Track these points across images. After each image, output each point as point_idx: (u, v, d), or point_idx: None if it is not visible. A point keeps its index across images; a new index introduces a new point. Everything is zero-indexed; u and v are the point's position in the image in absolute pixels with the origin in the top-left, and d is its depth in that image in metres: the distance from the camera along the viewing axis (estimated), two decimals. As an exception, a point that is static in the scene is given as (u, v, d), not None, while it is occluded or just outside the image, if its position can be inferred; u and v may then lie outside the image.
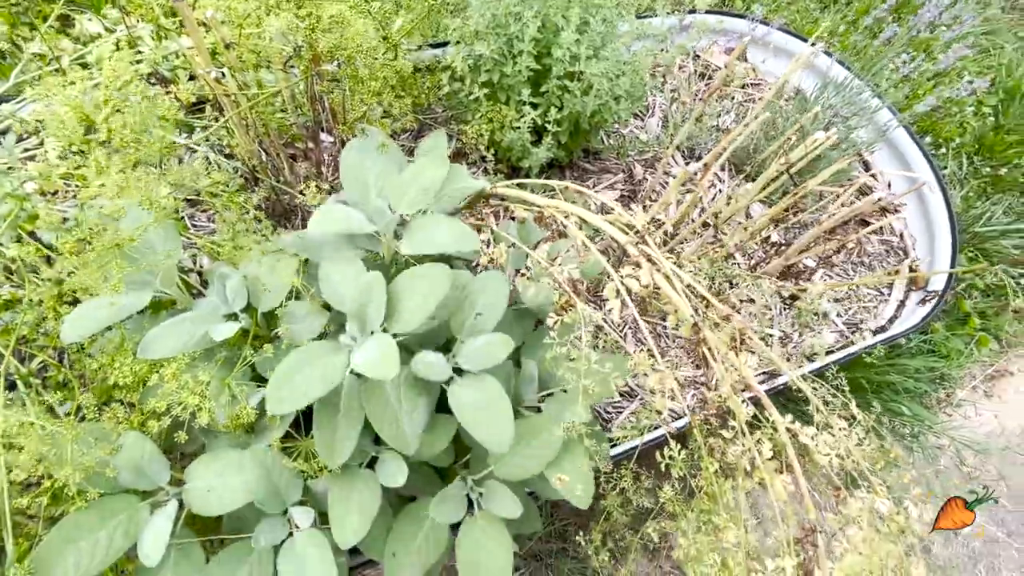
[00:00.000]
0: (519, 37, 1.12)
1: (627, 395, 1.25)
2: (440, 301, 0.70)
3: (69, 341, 0.70)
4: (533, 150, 1.27)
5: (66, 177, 1.00)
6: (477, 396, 0.68)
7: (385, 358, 0.63)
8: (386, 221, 0.81)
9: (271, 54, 0.90)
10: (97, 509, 0.65)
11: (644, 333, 0.73)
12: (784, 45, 1.78)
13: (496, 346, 0.72)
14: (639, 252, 0.74)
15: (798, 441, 0.73)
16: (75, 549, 0.62)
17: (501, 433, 0.65)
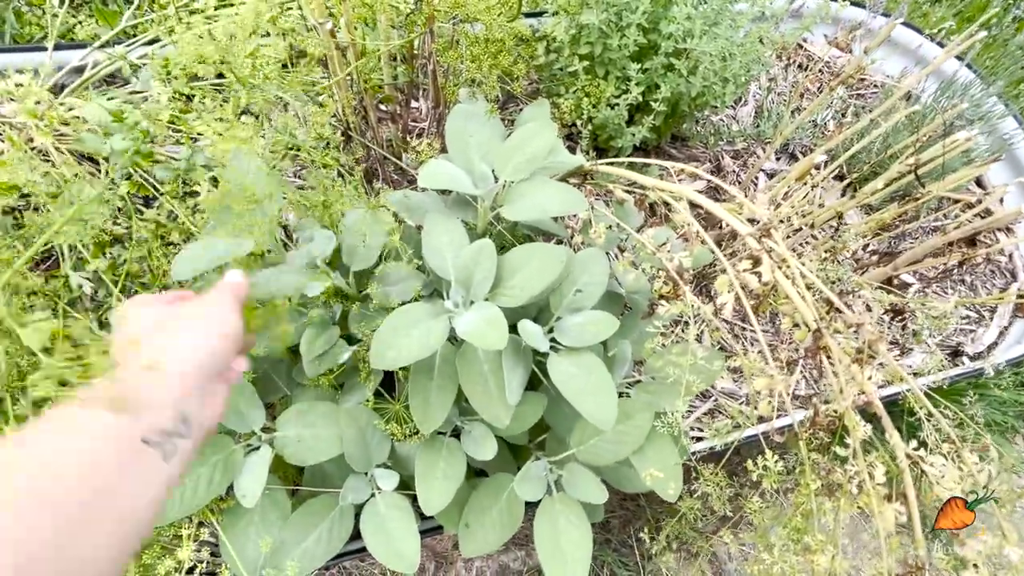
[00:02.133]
0: (630, 8, 1.06)
1: (701, 396, 1.20)
2: (552, 280, 0.67)
3: (180, 277, 0.71)
4: (627, 129, 1.22)
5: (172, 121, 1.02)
6: (579, 371, 0.65)
7: (493, 327, 0.61)
8: (489, 186, 0.79)
9: (384, 9, 0.88)
10: (197, 446, 0.66)
11: (757, 333, 0.68)
12: (906, 42, 1.64)
13: (599, 323, 0.69)
14: (761, 246, 0.69)
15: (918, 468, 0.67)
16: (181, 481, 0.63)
17: (606, 407, 0.63)
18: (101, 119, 0.78)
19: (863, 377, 0.64)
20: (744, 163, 1.54)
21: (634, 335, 0.83)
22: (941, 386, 1.18)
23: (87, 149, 0.92)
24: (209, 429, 0.39)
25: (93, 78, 1.19)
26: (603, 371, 0.67)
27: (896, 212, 1.04)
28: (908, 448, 0.64)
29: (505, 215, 0.77)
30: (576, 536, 0.69)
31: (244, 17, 0.73)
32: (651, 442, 0.75)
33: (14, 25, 1.63)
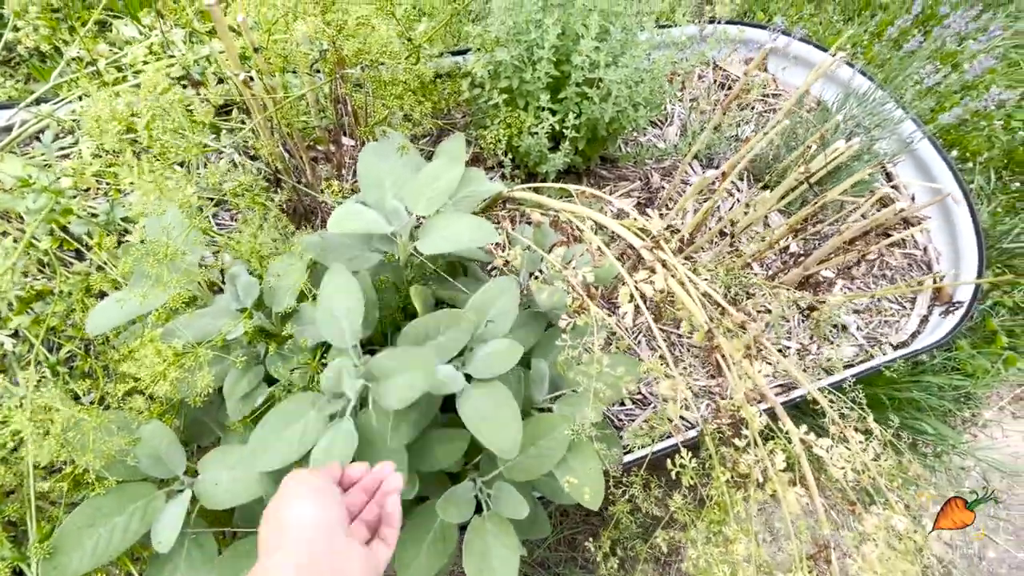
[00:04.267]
0: (539, 44, 1.13)
1: (640, 403, 1.24)
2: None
3: (95, 333, 0.72)
4: (550, 156, 1.28)
5: (98, 175, 1.03)
6: (486, 403, 0.68)
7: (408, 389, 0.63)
8: (403, 222, 0.83)
9: (297, 58, 0.93)
10: (116, 495, 0.66)
11: (658, 340, 0.72)
12: (805, 55, 1.77)
13: (505, 353, 0.72)
14: (654, 257, 0.74)
15: (812, 453, 0.72)
16: (93, 533, 0.63)
17: (508, 439, 0.66)
18: (29, 176, 0.80)
19: (753, 371, 0.69)
20: (673, 178, 1.62)
21: (556, 352, 0.86)
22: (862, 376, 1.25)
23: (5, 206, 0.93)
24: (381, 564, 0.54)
25: (22, 136, 1.20)
26: (509, 401, 0.70)
27: (801, 216, 1.12)
28: (800, 433, 0.69)
29: (420, 249, 0.80)
30: (504, 552, 0.71)
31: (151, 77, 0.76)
32: (574, 452, 0.78)
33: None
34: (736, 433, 0.71)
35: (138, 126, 0.90)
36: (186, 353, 0.64)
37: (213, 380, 0.72)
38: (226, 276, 0.85)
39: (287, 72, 1.02)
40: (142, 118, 0.78)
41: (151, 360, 0.62)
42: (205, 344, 0.69)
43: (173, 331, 0.69)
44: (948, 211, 1.60)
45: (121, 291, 0.74)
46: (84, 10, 1.75)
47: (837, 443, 0.72)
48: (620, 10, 1.17)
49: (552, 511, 1.43)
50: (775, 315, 0.88)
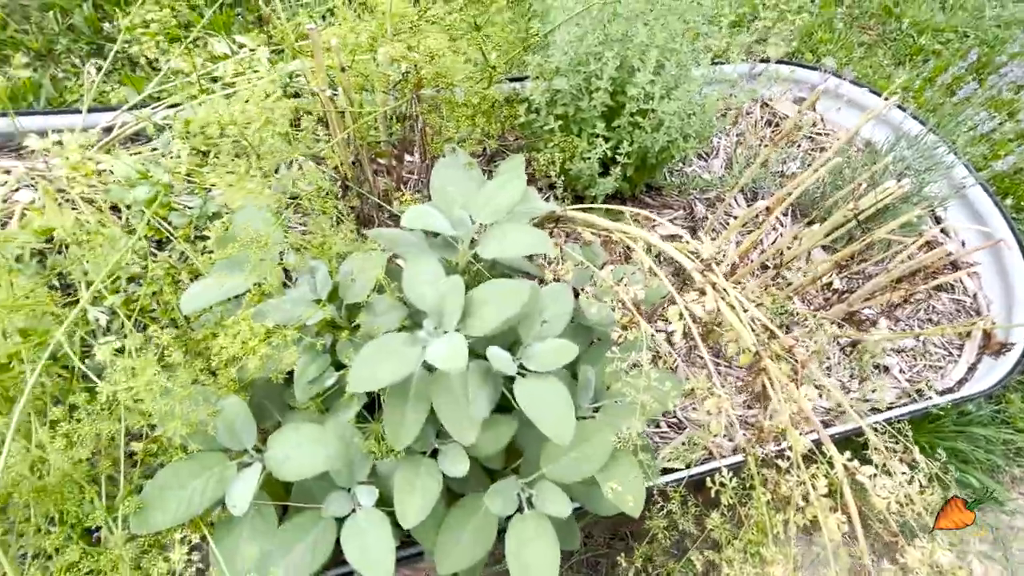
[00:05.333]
0: (597, 75, 1.20)
1: (675, 427, 1.26)
2: (516, 313, 0.75)
3: (187, 311, 0.80)
4: (600, 180, 1.33)
5: (189, 173, 1.14)
6: (541, 392, 0.73)
7: (455, 353, 0.69)
8: (466, 229, 0.89)
9: (376, 78, 1.02)
10: (194, 462, 0.73)
11: (705, 358, 0.75)
12: (857, 98, 1.79)
13: (559, 350, 0.77)
14: (704, 279, 0.77)
15: (855, 481, 0.73)
16: (175, 494, 0.69)
17: (564, 425, 0.69)
18: (127, 173, 0.89)
19: (799, 395, 0.71)
20: (716, 210, 1.65)
21: (602, 364, 0.90)
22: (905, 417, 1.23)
23: (111, 199, 1.04)
24: None
25: (120, 136, 1.33)
26: (563, 392, 0.74)
27: (847, 252, 1.13)
28: (844, 459, 0.70)
29: (480, 254, 0.86)
30: (543, 548, 0.74)
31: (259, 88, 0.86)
32: (615, 461, 0.81)
33: (51, 91, 1.81)
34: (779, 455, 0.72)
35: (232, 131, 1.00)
36: (275, 331, 0.71)
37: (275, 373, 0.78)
38: (301, 270, 0.92)
39: (364, 91, 1.11)
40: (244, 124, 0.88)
41: (245, 335, 0.68)
42: (288, 327, 0.76)
43: (262, 312, 0.76)
44: (1000, 258, 1.58)
45: (214, 275, 0.82)
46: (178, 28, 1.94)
47: (881, 472, 0.73)
48: (677, 47, 1.23)
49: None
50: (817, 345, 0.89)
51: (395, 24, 1.08)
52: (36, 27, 1.92)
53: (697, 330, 0.78)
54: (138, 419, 0.71)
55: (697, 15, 1.24)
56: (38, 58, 1.89)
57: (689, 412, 1.24)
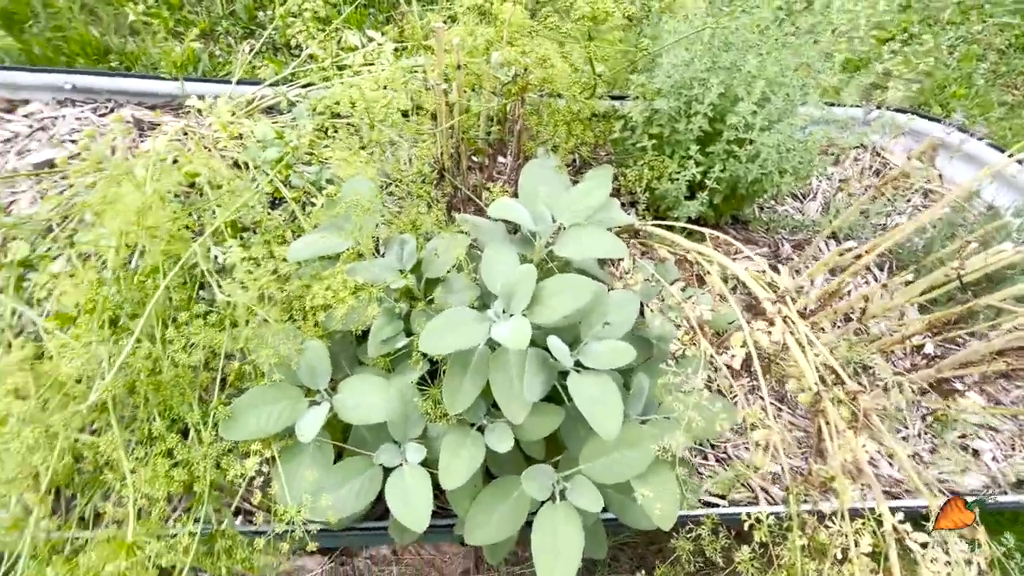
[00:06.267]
0: (699, 99, 1.21)
1: (723, 462, 1.22)
2: (580, 306, 0.79)
3: (293, 259, 0.90)
4: (685, 203, 1.34)
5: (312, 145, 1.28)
6: (594, 387, 0.75)
7: (519, 333, 0.74)
8: (546, 226, 0.94)
9: (486, 79, 1.10)
10: (276, 390, 0.82)
11: (762, 390, 0.74)
12: (983, 157, 1.66)
13: (617, 352, 0.79)
14: (776, 310, 0.77)
15: (904, 546, 0.68)
16: (257, 411, 0.79)
17: (611, 421, 0.72)
18: (265, 135, 1.03)
19: (856, 444, 0.68)
20: (804, 252, 1.59)
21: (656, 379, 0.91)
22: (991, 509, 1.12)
23: (243, 157, 1.19)
24: None
25: (259, 107, 1.52)
26: (614, 391, 0.76)
27: (945, 315, 1.06)
28: (895, 520, 0.66)
29: (556, 252, 0.91)
30: (571, 535, 0.76)
31: (385, 75, 0.96)
32: (653, 471, 0.81)
33: (207, 64, 2.10)
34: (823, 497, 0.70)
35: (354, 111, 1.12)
36: (362, 288, 0.79)
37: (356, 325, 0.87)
38: (391, 242, 1.01)
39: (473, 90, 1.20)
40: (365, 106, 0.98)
41: (337, 286, 0.77)
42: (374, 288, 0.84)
43: (354, 270, 0.85)
44: None
45: (318, 232, 0.92)
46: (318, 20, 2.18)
47: (936, 544, 0.68)
48: (786, 81, 1.22)
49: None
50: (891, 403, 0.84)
51: (511, 32, 1.16)
52: (205, 10, 2.23)
53: (759, 361, 0.77)
54: (237, 342, 0.82)
55: (812, 51, 1.22)
56: (202, 36, 2.19)
57: (741, 451, 1.20)
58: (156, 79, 1.57)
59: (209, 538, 0.78)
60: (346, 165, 1.11)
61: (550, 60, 1.04)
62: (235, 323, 0.81)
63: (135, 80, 1.57)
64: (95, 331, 0.68)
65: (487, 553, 1.03)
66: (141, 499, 0.71)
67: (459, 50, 1.02)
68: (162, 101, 1.63)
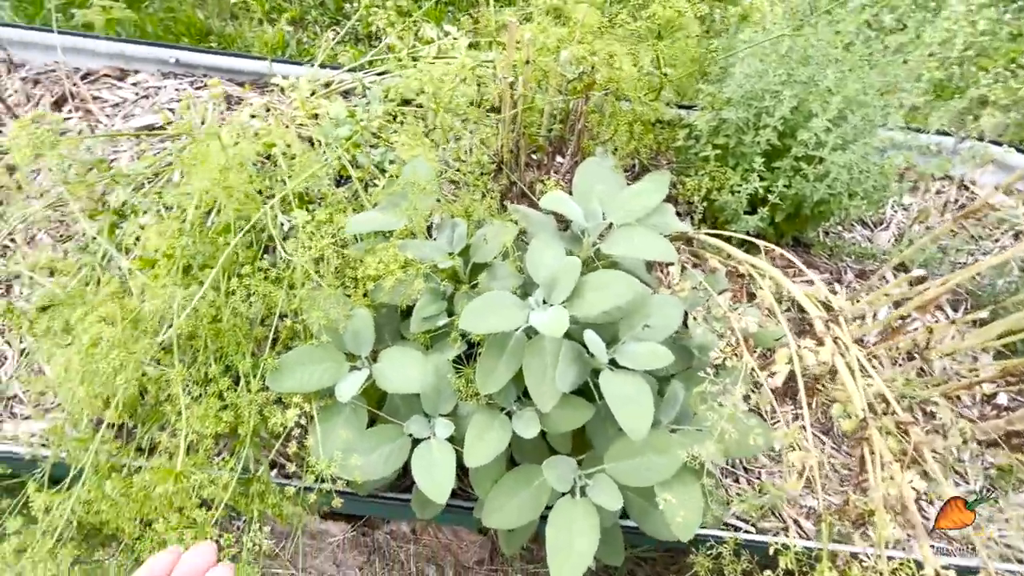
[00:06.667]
0: (769, 112, 1.17)
1: (754, 486, 1.17)
2: (621, 304, 0.79)
3: (350, 232, 0.95)
4: (744, 217, 1.30)
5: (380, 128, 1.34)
6: (627, 386, 0.75)
7: (557, 322, 0.74)
8: (596, 223, 0.94)
9: (554, 76, 1.11)
10: (322, 351, 0.87)
11: (804, 412, 0.71)
12: (1088, 200, 1.51)
13: (654, 354, 0.78)
14: (827, 329, 0.73)
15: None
16: (302, 368, 0.84)
17: (641, 421, 0.71)
18: (338, 114, 1.09)
19: (903, 478, 0.64)
20: (868, 282, 1.50)
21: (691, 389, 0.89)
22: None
23: (316, 133, 1.27)
24: None
25: (336, 90, 1.61)
26: (647, 391, 0.76)
27: (1021, 364, 0.97)
28: (938, 565, 0.61)
29: (604, 249, 0.91)
30: (587, 531, 0.76)
31: (455, 66, 1.00)
32: (679, 480, 0.80)
33: (293, 49, 2.24)
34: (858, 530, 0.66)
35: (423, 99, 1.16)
36: (411, 263, 0.83)
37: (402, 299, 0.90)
38: (442, 224, 1.04)
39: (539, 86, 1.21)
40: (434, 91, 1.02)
41: (388, 258, 0.81)
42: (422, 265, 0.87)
43: (404, 246, 0.89)
44: None
45: (377, 210, 0.97)
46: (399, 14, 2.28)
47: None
48: (866, 100, 1.16)
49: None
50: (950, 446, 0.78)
51: (583, 32, 1.17)
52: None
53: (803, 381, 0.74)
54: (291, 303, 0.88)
55: (900, 71, 1.16)
56: (292, 22, 2.34)
57: (776, 478, 1.15)
58: (248, 58, 1.69)
59: (246, 481, 0.83)
60: (409, 148, 1.16)
61: (617, 59, 1.05)
62: (292, 285, 0.86)
63: (229, 58, 1.70)
64: (171, 275, 0.75)
65: (502, 542, 1.04)
66: (192, 434, 0.77)
67: (530, 45, 1.04)
68: (250, 79, 1.75)
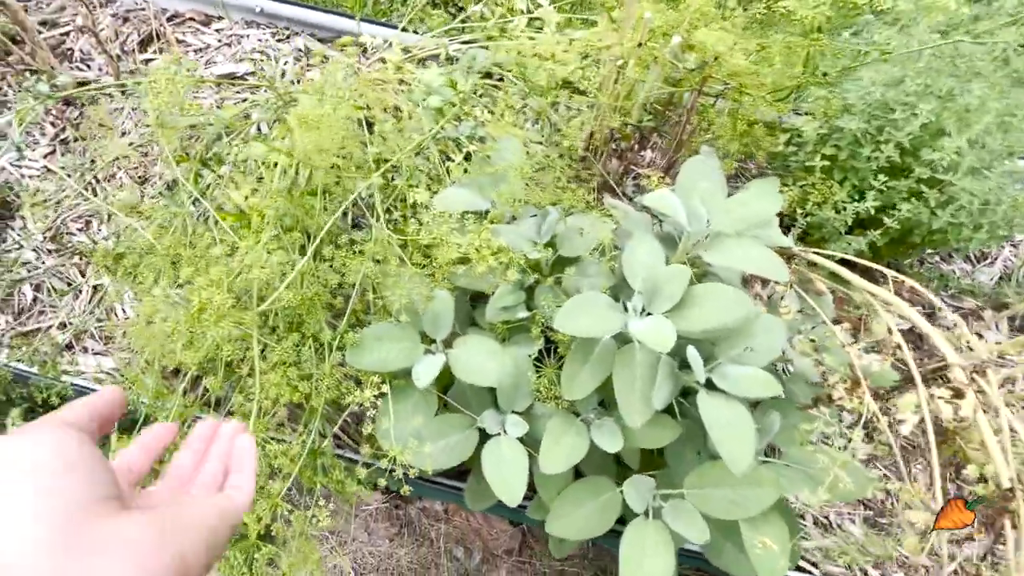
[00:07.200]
0: (897, 126, 1.06)
1: (823, 527, 1.10)
2: (727, 322, 0.72)
3: (438, 209, 0.90)
4: (844, 237, 1.20)
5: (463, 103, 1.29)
6: (728, 413, 0.69)
7: (663, 336, 0.68)
8: (700, 229, 0.87)
9: (664, 63, 1.03)
10: (398, 329, 0.84)
11: (934, 468, 0.64)
12: None
13: (761, 381, 0.72)
14: (969, 381, 0.65)
15: None
16: (379, 345, 0.81)
17: (744, 454, 0.65)
18: (432, 83, 1.04)
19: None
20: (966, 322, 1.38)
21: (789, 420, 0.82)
22: None
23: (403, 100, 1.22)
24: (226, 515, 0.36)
25: (418, 56, 1.55)
26: (749, 421, 0.69)
27: None
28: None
29: (706, 258, 0.84)
30: (662, 562, 0.71)
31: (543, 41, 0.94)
32: (766, 519, 0.74)
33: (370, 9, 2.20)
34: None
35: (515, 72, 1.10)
36: (503, 251, 0.78)
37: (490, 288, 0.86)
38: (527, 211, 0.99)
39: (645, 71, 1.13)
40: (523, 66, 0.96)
41: (480, 243, 0.76)
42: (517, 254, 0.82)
43: (495, 231, 0.84)
44: None
45: (462, 188, 0.92)
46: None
47: None
48: (1012, 123, 1.04)
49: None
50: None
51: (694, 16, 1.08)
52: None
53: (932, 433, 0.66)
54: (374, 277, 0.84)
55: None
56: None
57: (845, 520, 1.07)
58: (333, 14, 1.65)
59: (311, 453, 0.82)
60: (498, 125, 1.10)
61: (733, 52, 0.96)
62: (378, 260, 0.82)
63: (314, 12, 1.67)
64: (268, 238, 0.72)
65: (552, 547, 1.00)
66: (264, 400, 0.75)
67: (646, 26, 0.96)
68: (331, 35, 1.71)
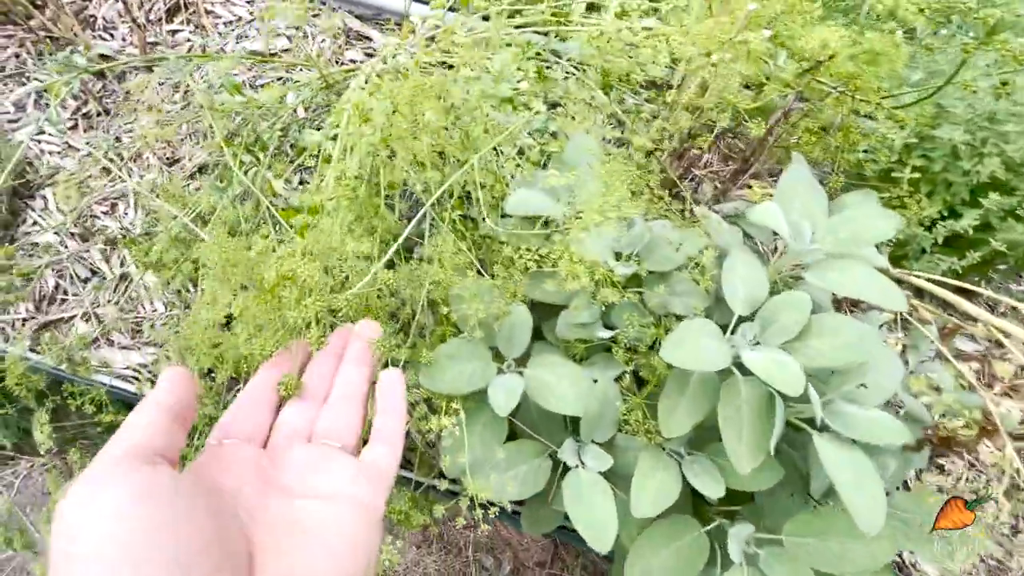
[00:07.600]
0: (1006, 139, 0.98)
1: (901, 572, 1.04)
2: (852, 358, 0.65)
3: (511, 212, 0.82)
4: (926, 256, 1.11)
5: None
6: (851, 461, 0.61)
7: (790, 374, 0.61)
8: (804, 248, 0.79)
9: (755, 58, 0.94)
10: (472, 346, 0.76)
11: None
12: None
13: (882, 425, 0.64)
14: None
15: None
16: (452, 364, 0.73)
17: (875, 512, 0.58)
18: (504, 69, 0.95)
19: None
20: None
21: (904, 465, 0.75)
22: None
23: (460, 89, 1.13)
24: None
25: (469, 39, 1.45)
26: (873, 472, 0.62)
27: None
28: None
29: (810, 280, 0.76)
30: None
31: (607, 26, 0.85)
32: None
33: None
34: None
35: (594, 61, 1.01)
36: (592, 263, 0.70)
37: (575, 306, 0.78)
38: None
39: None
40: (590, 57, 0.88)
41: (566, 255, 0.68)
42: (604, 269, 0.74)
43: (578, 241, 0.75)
44: None
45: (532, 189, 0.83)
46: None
47: None
48: None
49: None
50: None
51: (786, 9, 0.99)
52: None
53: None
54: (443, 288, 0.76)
55: None
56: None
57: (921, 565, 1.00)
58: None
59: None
60: (570, 122, 1.01)
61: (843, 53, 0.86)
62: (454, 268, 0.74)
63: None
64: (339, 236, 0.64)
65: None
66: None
67: (746, 18, 0.86)
68: (371, 13, 1.60)
